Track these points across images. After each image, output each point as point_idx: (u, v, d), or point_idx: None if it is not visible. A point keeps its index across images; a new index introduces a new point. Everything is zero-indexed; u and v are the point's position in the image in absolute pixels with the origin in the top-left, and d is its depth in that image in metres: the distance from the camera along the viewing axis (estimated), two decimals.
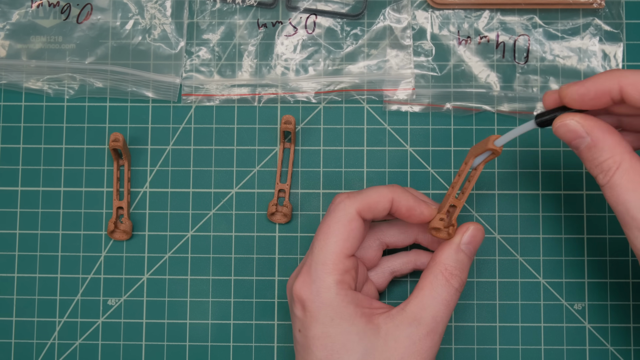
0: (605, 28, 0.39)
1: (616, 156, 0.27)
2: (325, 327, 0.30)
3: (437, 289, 0.31)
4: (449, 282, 0.31)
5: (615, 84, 0.27)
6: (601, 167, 0.28)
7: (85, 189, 0.39)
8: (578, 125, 0.28)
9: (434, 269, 0.31)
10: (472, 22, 0.39)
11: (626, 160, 0.27)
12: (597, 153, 0.28)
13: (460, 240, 0.32)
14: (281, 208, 0.38)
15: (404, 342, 0.30)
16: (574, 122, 0.28)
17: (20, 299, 0.38)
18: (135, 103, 0.40)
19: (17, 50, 0.39)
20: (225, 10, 0.40)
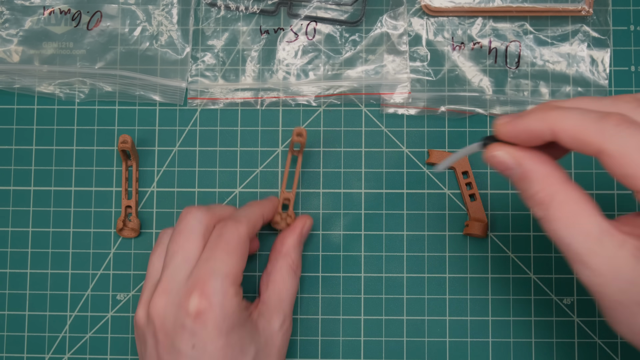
0: (593, 34, 0.40)
1: (548, 188, 0.25)
2: (228, 337, 0.30)
3: (288, 281, 0.35)
4: (295, 273, 0.36)
5: (547, 129, 0.25)
6: (534, 199, 0.26)
7: (95, 188, 0.40)
8: (506, 157, 0.26)
9: (282, 262, 0.35)
10: (465, 28, 0.40)
11: (560, 192, 0.25)
12: (528, 185, 0.26)
13: (301, 233, 0.36)
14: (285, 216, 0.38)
15: (277, 334, 0.34)
16: (502, 153, 0.27)
17: (33, 294, 0.39)
18: (143, 106, 0.40)
19: (30, 55, 0.40)
20: (229, 17, 0.40)
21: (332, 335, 0.39)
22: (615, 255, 0.24)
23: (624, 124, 0.23)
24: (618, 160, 0.23)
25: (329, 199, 0.39)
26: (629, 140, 0.23)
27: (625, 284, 0.24)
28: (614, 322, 0.25)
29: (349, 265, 0.39)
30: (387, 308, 0.39)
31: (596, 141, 0.23)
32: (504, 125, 0.26)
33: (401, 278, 0.39)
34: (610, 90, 0.40)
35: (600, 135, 0.23)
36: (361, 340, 0.38)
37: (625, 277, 0.24)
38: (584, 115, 0.24)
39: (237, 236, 0.32)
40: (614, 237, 0.24)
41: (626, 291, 0.24)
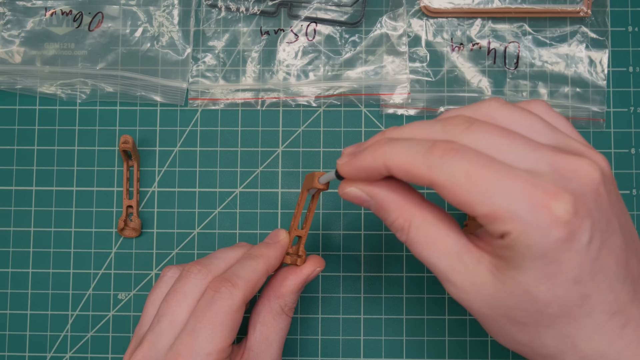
0: (591, 35, 0.40)
1: (404, 214, 0.26)
2: None
3: (279, 324, 0.32)
4: (288, 315, 0.32)
5: (381, 166, 0.25)
6: (394, 226, 0.26)
7: (97, 188, 0.40)
8: (358, 192, 0.27)
9: (275, 304, 0.32)
10: (464, 29, 0.40)
11: (416, 216, 0.25)
12: (385, 214, 0.26)
13: (306, 280, 0.32)
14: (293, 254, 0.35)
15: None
16: (353, 189, 0.27)
17: (35, 293, 0.39)
18: (144, 107, 0.40)
19: (32, 56, 0.40)
20: (229, 18, 0.41)
21: (331, 334, 0.39)
22: (474, 272, 0.24)
23: (449, 154, 0.23)
24: (449, 190, 0.23)
25: (329, 198, 0.40)
26: (455, 169, 0.23)
27: (488, 298, 0.24)
28: (490, 333, 0.26)
29: (349, 265, 0.39)
30: (387, 307, 0.39)
31: (426, 174, 0.23)
32: (344, 167, 0.27)
33: (400, 277, 0.39)
34: (609, 91, 0.40)
35: (428, 168, 0.23)
36: (361, 339, 0.39)
37: (486, 292, 0.24)
38: (412, 148, 0.24)
39: (228, 306, 0.29)
40: (472, 254, 0.24)
41: (489, 305, 0.24)
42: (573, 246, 0.22)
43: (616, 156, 0.39)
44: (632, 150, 0.39)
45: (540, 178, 0.22)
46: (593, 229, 0.22)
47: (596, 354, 0.24)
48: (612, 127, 0.40)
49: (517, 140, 0.23)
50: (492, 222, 0.22)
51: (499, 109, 0.25)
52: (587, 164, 0.23)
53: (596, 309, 0.23)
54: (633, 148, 0.39)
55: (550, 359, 0.25)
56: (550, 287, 0.23)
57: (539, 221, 0.22)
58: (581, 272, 0.22)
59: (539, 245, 0.22)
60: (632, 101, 0.40)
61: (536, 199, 0.22)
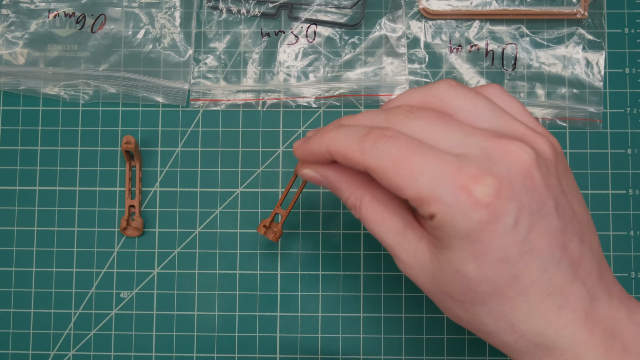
0: (588, 37, 0.40)
1: (355, 192, 0.27)
2: None
3: None
4: None
5: (325, 151, 0.27)
6: (348, 204, 0.28)
7: (99, 188, 0.40)
8: (312, 173, 0.28)
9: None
10: (463, 31, 0.41)
11: (366, 195, 0.27)
12: (339, 193, 0.28)
13: None
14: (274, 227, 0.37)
15: None
16: (308, 170, 0.29)
17: (38, 292, 0.40)
18: (146, 107, 0.41)
19: (35, 58, 0.41)
20: (230, 20, 0.41)
21: (331, 332, 0.39)
22: (416, 249, 0.25)
23: (381, 140, 0.24)
24: (380, 175, 0.24)
25: (328, 198, 0.40)
26: (385, 155, 0.24)
27: (428, 274, 0.25)
28: (438, 307, 0.27)
29: (349, 264, 0.40)
30: (386, 305, 0.39)
31: (360, 160, 0.25)
32: (296, 150, 0.29)
33: (399, 276, 0.40)
34: (605, 92, 0.40)
35: (361, 153, 0.25)
36: (360, 337, 0.39)
37: (426, 268, 0.25)
38: (350, 135, 0.25)
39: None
40: (415, 231, 0.26)
41: (431, 281, 0.25)
42: (497, 227, 0.22)
43: (612, 156, 0.40)
44: (629, 150, 0.40)
45: (466, 162, 0.23)
46: (520, 211, 0.23)
47: (533, 333, 0.24)
48: (608, 128, 0.40)
49: (452, 127, 0.24)
50: (419, 205, 0.24)
51: (448, 91, 0.26)
52: (518, 147, 0.23)
53: (529, 289, 0.24)
54: (629, 148, 0.40)
55: (490, 335, 0.25)
56: (478, 266, 0.23)
57: (460, 204, 0.22)
58: (508, 253, 0.23)
59: (462, 227, 0.23)
60: (628, 102, 0.40)
61: (458, 182, 0.22)
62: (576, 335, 0.24)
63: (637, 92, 0.40)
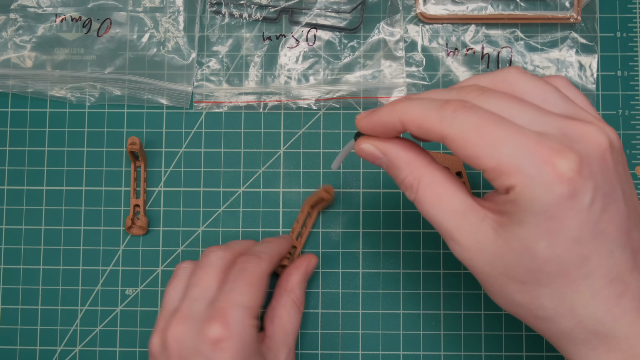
0: (581, 41, 0.41)
1: (414, 172, 0.26)
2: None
3: (293, 316, 0.36)
4: (299, 308, 0.37)
5: (396, 120, 0.26)
6: (404, 184, 0.27)
7: (105, 188, 0.41)
8: (372, 148, 0.28)
9: (287, 297, 0.37)
10: (459, 35, 0.41)
11: (425, 175, 0.26)
12: (396, 172, 0.27)
13: (306, 272, 0.38)
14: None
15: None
16: (367, 145, 0.28)
17: (46, 289, 0.40)
18: (150, 109, 0.41)
19: (43, 61, 0.41)
20: (233, 24, 0.42)
21: (331, 328, 0.40)
22: (478, 230, 0.25)
23: (462, 109, 0.24)
24: (458, 144, 0.24)
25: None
26: (465, 124, 0.24)
27: (490, 256, 0.25)
28: (490, 294, 0.26)
29: (348, 262, 0.40)
30: (384, 302, 0.40)
31: (437, 128, 0.24)
32: (361, 120, 0.28)
33: (397, 274, 0.40)
34: (598, 94, 0.41)
35: (440, 122, 0.24)
36: (359, 333, 0.40)
37: (488, 249, 0.25)
38: (426, 104, 0.25)
39: (259, 271, 0.33)
40: (477, 213, 0.25)
41: (491, 263, 0.25)
42: (575, 205, 0.22)
43: None
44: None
45: (548, 137, 0.23)
46: (595, 191, 0.23)
47: (593, 319, 0.24)
48: None
49: (527, 106, 0.24)
50: (498, 176, 0.23)
51: (517, 76, 0.26)
52: (595, 130, 0.23)
53: (595, 273, 0.23)
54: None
55: (547, 322, 0.25)
56: (550, 244, 0.23)
57: (543, 176, 0.22)
58: (581, 233, 0.23)
59: (541, 200, 0.22)
60: (620, 104, 0.41)
61: (541, 154, 0.22)
62: (633, 325, 0.24)
63: (629, 94, 0.41)
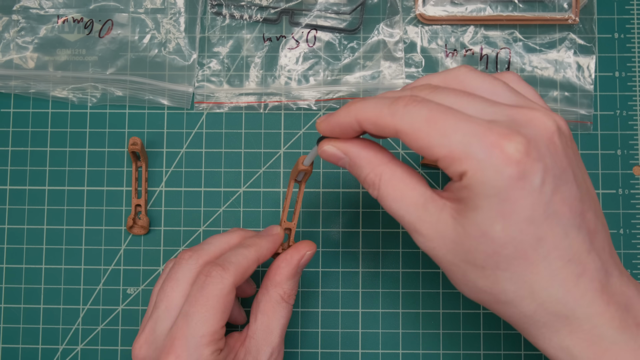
0: (579, 42, 0.41)
1: (375, 169, 0.27)
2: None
3: (279, 312, 0.33)
4: (288, 303, 0.33)
5: (353, 120, 0.27)
6: (366, 182, 0.28)
7: (107, 188, 0.41)
8: (333, 149, 0.28)
9: (274, 292, 0.33)
10: (458, 36, 0.42)
11: (386, 172, 0.27)
12: (358, 170, 0.28)
13: (299, 264, 0.33)
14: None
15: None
16: (329, 146, 0.29)
17: (48, 288, 0.40)
18: (152, 110, 0.42)
19: (45, 62, 0.42)
20: (233, 25, 0.42)
21: (331, 327, 0.40)
22: (438, 219, 0.26)
23: (412, 103, 0.25)
24: (411, 136, 0.25)
25: (328, 197, 0.41)
26: (416, 116, 0.24)
27: (451, 244, 0.25)
28: (454, 283, 0.27)
29: (348, 261, 0.41)
30: (384, 301, 0.40)
31: (391, 123, 0.25)
32: (321, 124, 0.29)
33: (397, 273, 0.41)
34: (596, 95, 0.42)
35: (392, 117, 0.25)
36: (359, 332, 0.40)
37: (449, 237, 0.25)
38: (379, 102, 0.26)
39: (219, 289, 0.30)
40: (436, 203, 0.26)
41: (452, 251, 0.25)
42: (525, 186, 0.23)
43: (603, 157, 0.41)
44: (618, 151, 0.41)
45: (496, 124, 0.24)
46: (545, 173, 0.23)
47: (553, 300, 0.24)
48: (599, 130, 0.41)
49: (476, 98, 0.25)
50: (450, 164, 0.24)
51: (467, 74, 0.27)
52: (542, 115, 0.24)
53: (551, 254, 0.24)
54: (619, 149, 0.41)
55: (509, 306, 0.25)
56: (505, 226, 0.24)
57: (492, 159, 0.23)
58: (534, 213, 0.23)
59: (492, 183, 0.23)
60: (618, 105, 0.41)
61: (490, 139, 0.23)
62: (593, 305, 0.24)
63: (626, 95, 0.41)
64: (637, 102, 0.41)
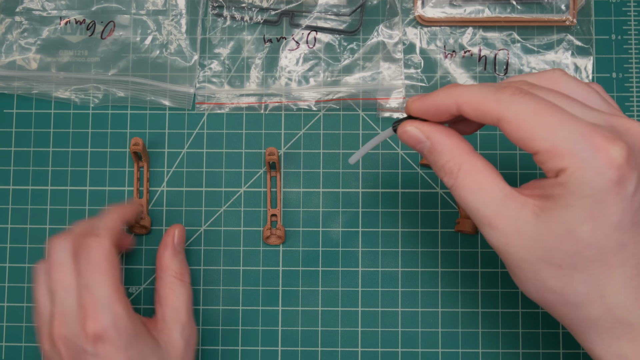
0: (576, 43, 0.42)
1: (456, 158, 0.27)
2: (127, 352, 0.31)
3: (178, 291, 0.36)
4: (183, 281, 0.37)
5: (452, 102, 0.27)
6: (444, 170, 0.27)
7: (109, 188, 0.41)
8: (417, 131, 0.28)
9: (165, 276, 0.37)
10: (456, 37, 0.42)
11: (466, 162, 0.27)
12: (437, 156, 0.28)
13: (173, 245, 0.37)
14: (275, 231, 0.40)
15: (178, 343, 0.35)
16: (412, 128, 0.28)
17: None
18: (153, 110, 0.42)
19: (47, 63, 0.42)
20: (234, 27, 0.42)
21: (331, 326, 0.41)
22: (518, 216, 0.25)
23: (519, 94, 0.25)
24: (515, 125, 0.25)
25: (328, 197, 0.41)
26: (523, 106, 0.25)
27: (528, 240, 0.25)
28: (520, 281, 0.27)
29: (347, 260, 0.41)
30: (383, 300, 0.41)
31: (494, 110, 0.25)
32: (414, 102, 0.28)
33: (396, 272, 0.41)
34: None
35: (497, 104, 0.25)
36: (359, 330, 0.40)
37: (527, 234, 0.25)
38: (483, 88, 0.26)
39: (102, 253, 0.32)
40: (517, 199, 0.26)
41: (528, 248, 0.25)
42: (620, 191, 0.23)
43: None
44: None
45: (599, 126, 0.24)
46: (639, 181, 0.24)
47: (621, 307, 0.25)
48: None
49: (575, 102, 0.26)
50: (550, 158, 0.24)
51: (562, 77, 0.28)
52: (639, 125, 0.25)
53: (629, 261, 0.24)
54: None
55: (576, 308, 0.25)
56: (593, 228, 0.24)
57: (596, 160, 0.23)
58: (623, 219, 0.24)
59: (591, 183, 0.23)
60: None
61: (595, 140, 0.23)
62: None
63: (623, 95, 0.42)
64: (634, 103, 0.42)
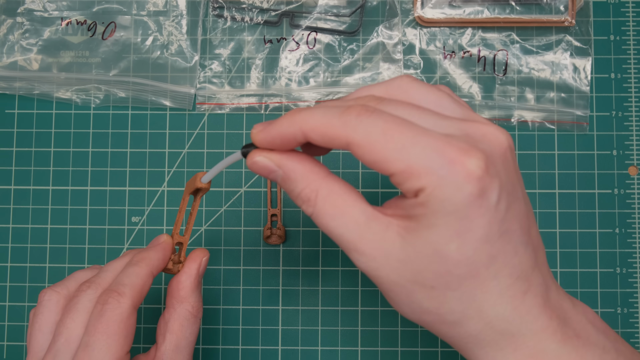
0: (575, 44, 0.42)
1: (312, 184, 0.25)
2: None
3: (188, 330, 0.31)
4: (196, 318, 0.31)
5: (297, 130, 0.25)
6: (301, 198, 0.25)
7: (110, 188, 0.42)
8: (266, 161, 0.26)
9: (181, 309, 0.31)
10: (456, 38, 0.42)
11: (323, 187, 0.25)
12: (292, 184, 0.26)
13: (198, 274, 0.32)
14: (275, 230, 0.40)
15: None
16: (261, 158, 0.26)
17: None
18: (154, 111, 0.42)
19: (49, 63, 0.42)
20: (235, 28, 0.42)
21: (331, 325, 0.41)
22: (383, 238, 0.24)
23: (365, 113, 0.23)
24: (365, 148, 0.23)
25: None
26: (371, 127, 0.23)
27: (397, 263, 0.24)
28: (395, 303, 0.25)
29: (347, 260, 0.41)
30: (383, 300, 0.41)
31: (342, 134, 0.23)
32: (259, 134, 0.26)
33: None
34: (592, 96, 0.42)
35: (344, 128, 0.23)
36: (358, 330, 0.41)
37: (395, 256, 0.24)
38: (328, 111, 0.24)
39: (118, 314, 0.28)
40: (380, 221, 0.24)
41: (398, 270, 0.24)
42: (483, 203, 0.22)
43: (599, 158, 0.42)
44: (614, 152, 0.42)
45: (453, 138, 0.23)
46: (501, 190, 0.23)
47: (500, 318, 0.24)
48: (595, 130, 0.42)
49: (425, 112, 0.24)
50: (407, 179, 0.22)
51: (410, 84, 0.26)
52: (495, 130, 0.24)
53: (502, 272, 0.23)
54: (614, 150, 0.42)
55: (455, 326, 0.24)
56: (460, 245, 0.23)
57: (453, 175, 0.22)
58: (490, 232, 0.23)
59: (452, 200, 0.22)
60: (613, 106, 0.42)
61: (450, 155, 0.22)
62: (537, 321, 0.24)
63: (622, 96, 0.42)
64: (632, 103, 0.42)
